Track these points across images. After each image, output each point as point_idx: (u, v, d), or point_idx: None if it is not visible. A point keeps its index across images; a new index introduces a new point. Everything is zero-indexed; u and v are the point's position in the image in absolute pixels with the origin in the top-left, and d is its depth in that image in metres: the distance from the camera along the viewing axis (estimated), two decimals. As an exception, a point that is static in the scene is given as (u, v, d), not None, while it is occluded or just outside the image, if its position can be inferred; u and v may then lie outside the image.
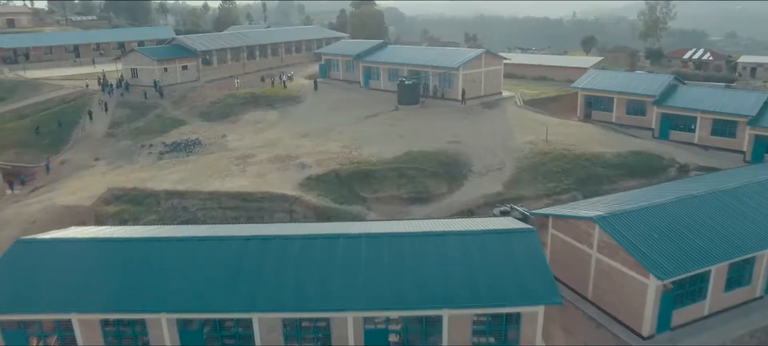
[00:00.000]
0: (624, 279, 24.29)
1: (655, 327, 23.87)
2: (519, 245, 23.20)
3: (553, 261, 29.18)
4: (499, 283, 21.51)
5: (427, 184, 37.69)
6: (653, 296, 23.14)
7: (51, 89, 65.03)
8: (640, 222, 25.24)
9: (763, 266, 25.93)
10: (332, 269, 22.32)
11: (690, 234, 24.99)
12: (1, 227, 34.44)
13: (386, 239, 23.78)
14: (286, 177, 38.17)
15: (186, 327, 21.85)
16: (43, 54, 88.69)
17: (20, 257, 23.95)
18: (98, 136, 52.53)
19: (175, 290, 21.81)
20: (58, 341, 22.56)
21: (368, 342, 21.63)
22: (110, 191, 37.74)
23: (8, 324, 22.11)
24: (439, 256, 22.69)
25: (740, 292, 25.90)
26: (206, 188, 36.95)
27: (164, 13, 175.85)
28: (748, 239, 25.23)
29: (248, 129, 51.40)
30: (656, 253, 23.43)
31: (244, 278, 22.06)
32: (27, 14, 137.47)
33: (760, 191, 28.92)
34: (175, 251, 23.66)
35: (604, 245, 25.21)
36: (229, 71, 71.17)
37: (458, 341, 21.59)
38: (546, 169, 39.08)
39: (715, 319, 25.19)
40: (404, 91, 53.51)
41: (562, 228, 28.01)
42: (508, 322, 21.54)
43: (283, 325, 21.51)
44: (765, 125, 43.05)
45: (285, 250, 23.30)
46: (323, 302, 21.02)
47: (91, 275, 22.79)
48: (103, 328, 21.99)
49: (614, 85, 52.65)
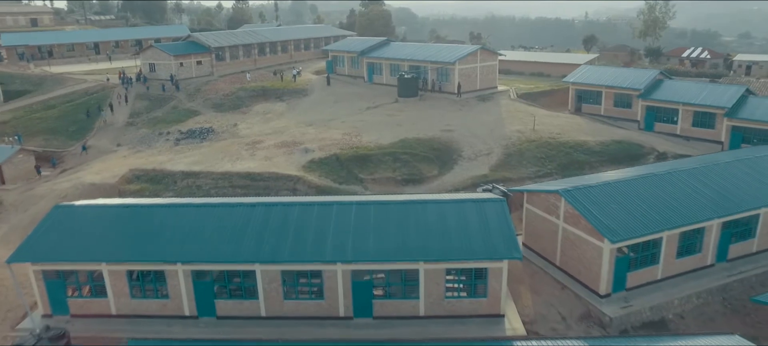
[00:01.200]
0: (585, 245, 27.42)
1: (611, 287, 26.95)
2: (490, 211, 26.47)
3: (527, 233, 32.52)
4: (470, 243, 24.78)
5: (419, 167, 41.01)
6: (608, 258, 26.24)
7: (75, 83, 69.37)
8: (601, 195, 28.35)
9: (712, 237, 28.86)
10: (326, 230, 25.75)
11: (645, 206, 28.03)
12: (36, 201, 38.42)
13: (373, 205, 27.21)
14: (291, 160, 41.73)
15: (199, 278, 25.42)
16: (66, 51, 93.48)
17: (58, 219, 27.71)
18: (119, 125, 56.59)
19: (190, 246, 25.36)
20: (90, 292, 26.35)
21: (355, 293, 25.05)
22: (132, 171, 41.57)
23: (49, 274, 25.81)
24: (419, 220, 26.04)
25: (692, 259, 28.84)
26: (218, 169, 40.62)
27: (179, 13, 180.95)
28: (697, 211, 28.18)
29: (258, 119, 55.10)
30: (611, 220, 26.53)
31: (249, 237, 25.57)
32: (49, 14, 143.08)
33: (715, 171, 31.84)
34: (191, 214, 27.25)
35: (568, 215, 28.35)
36: (241, 67, 75.09)
37: (433, 295, 24.92)
38: (531, 155, 42.18)
39: (668, 282, 28.18)
40: (403, 84, 56.92)
41: (535, 202, 31.17)
42: (476, 276, 24.82)
43: (282, 277, 25.00)
44: (740, 117, 45.80)
45: (285, 214, 26.80)
46: (316, 256, 24.47)
47: (118, 234, 26.45)
48: (129, 279, 25.64)
49: (603, 79, 55.57)
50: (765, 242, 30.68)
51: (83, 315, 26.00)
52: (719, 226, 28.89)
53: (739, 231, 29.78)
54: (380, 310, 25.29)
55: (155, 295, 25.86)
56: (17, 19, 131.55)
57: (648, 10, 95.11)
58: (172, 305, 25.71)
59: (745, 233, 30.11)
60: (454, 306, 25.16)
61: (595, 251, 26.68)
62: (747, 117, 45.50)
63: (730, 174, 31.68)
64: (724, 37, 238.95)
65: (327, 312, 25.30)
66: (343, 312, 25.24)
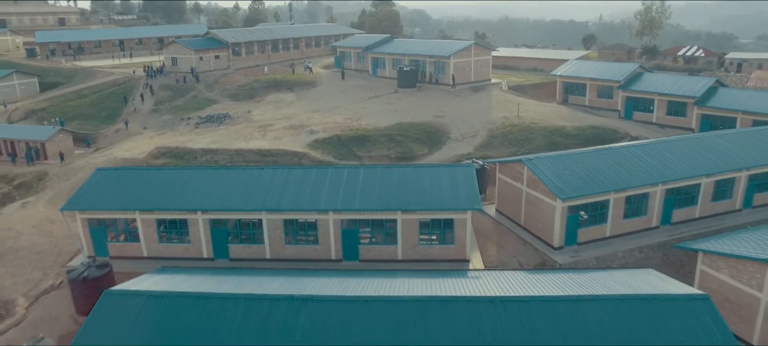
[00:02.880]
0: (542, 204, 32.13)
1: (564, 240, 31.61)
2: (459, 175, 31.36)
3: (499, 199, 37.31)
4: (440, 198, 29.64)
5: (411, 147, 45.94)
6: (560, 215, 30.92)
7: (103, 75, 75.57)
8: (557, 163, 33.02)
9: (656, 202, 33.33)
10: (321, 188, 30.83)
11: (595, 173, 32.60)
12: (75, 172, 44.16)
13: (363, 169, 32.29)
14: (298, 140, 46.94)
15: (216, 226, 30.65)
16: (93, 47, 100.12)
17: (100, 179, 33.25)
18: (145, 112, 62.43)
19: (209, 199, 30.60)
20: (125, 237, 31.76)
21: (344, 240, 30.08)
22: (158, 148, 47.12)
23: (93, 222, 31.26)
24: (400, 181, 30.98)
25: (638, 220, 33.33)
26: (233, 147, 45.97)
27: (198, 13, 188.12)
28: (641, 178, 32.63)
29: (270, 107, 60.50)
30: (563, 183, 31.19)
31: (257, 192, 30.74)
32: (75, 14, 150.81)
33: (664, 147, 36.25)
34: (210, 175, 32.62)
35: (530, 180, 33.08)
36: (256, 61, 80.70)
37: (409, 242, 29.84)
38: (512, 137, 46.86)
39: (615, 239, 32.75)
40: (403, 76, 61.91)
41: (505, 171, 35.93)
42: (445, 226, 29.69)
43: (284, 225, 30.13)
44: (709, 105, 50.00)
45: (288, 175, 31.97)
46: (312, 206, 29.54)
47: (149, 190, 31.80)
48: (158, 226, 30.97)
49: (587, 72, 60.02)
50: (706, 209, 34.99)
51: (120, 257, 31.36)
52: (663, 192, 33.32)
53: (681, 198, 34.17)
54: (365, 254, 30.29)
55: (179, 240, 31.17)
56: (46, 18, 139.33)
57: (645, 10, 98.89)
58: (193, 248, 31.00)
59: (688, 200, 34.48)
60: (427, 252, 30.04)
61: (550, 209, 31.38)
62: (714, 106, 49.69)
63: (677, 149, 36.06)
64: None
65: (321, 255, 30.37)
66: (334, 256, 30.30)
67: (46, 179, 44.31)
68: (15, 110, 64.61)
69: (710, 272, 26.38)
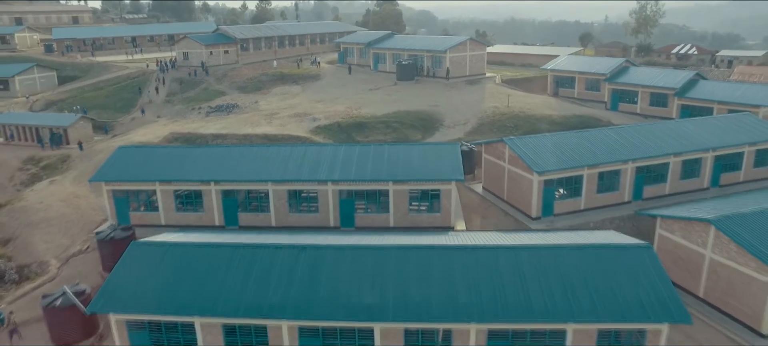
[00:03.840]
0: (521, 179, 35.41)
1: (541, 211, 34.84)
2: (444, 152, 34.72)
3: (485, 178, 40.61)
4: (427, 171, 32.97)
5: (406, 132, 49.32)
6: (537, 188, 34.18)
7: (118, 69, 79.54)
8: (535, 143, 36.29)
9: (628, 178, 36.50)
10: (320, 162, 34.26)
11: (570, 151, 35.80)
12: (96, 154, 47.89)
13: (358, 147, 35.74)
14: (301, 126, 50.47)
15: (227, 196, 34.15)
16: (107, 44, 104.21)
17: (122, 154, 36.89)
18: (158, 103, 66.20)
19: (220, 173, 34.10)
20: (145, 207, 35.31)
21: (342, 208, 33.48)
22: (171, 133, 50.78)
23: (117, 193, 34.85)
24: (391, 157, 34.36)
25: (610, 195, 36.50)
26: (241, 132, 49.53)
27: (206, 13, 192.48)
28: (612, 156, 35.83)
29: (276, 98, 64.10)
30: (540, 160, 34.44)
31: (264, 166, 34.21)
32: (88, 13, 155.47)
33: (637, 130, 39.46)
34: (221, 151, 36.16)
35: (511, 158, 36.38)
36: (263, 57, 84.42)
37: (400, 210, 33.20)
38: (501, 124, 50.14)
39: (589, 212, 35.95)
40: (401, 69, 65.35)
41: (490, 152, 39.22)
42: (432, 196, 33.05)
43: (288, 195, 33.59)
44: (688, 96, 53.08)
45: (291, 151, 35.47)
46: (313, 177, 32.99)
47: (167, 164, 35.34)
48: (175, 197, 34.51)
49: (576, 67, 63.20)
50: (675, 187, 38.10)
51: (140, 225, 34.83)
52: (633, 170, 36.49)
53: (651, 175, 37.33)
54: (360, 222, 33.67)
55: (194, 209, 34.69)
56: (61, 17, 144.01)
57: (640, 9, 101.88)
58: (206, 217, 34.52)
59: (658, 177, 37.64)
60: (416, 219, 33.38)
61: (528, 183, 34.66)
62: (693, 96, 52.77)
63: (648, 132, 39.23)
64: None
65: (321, 223, 33.79)
66: (332, 223, 33.73)
67: (69, 160, 48.08)
68: (36, 101, 68.62)
69: (666, 234, 29.64)
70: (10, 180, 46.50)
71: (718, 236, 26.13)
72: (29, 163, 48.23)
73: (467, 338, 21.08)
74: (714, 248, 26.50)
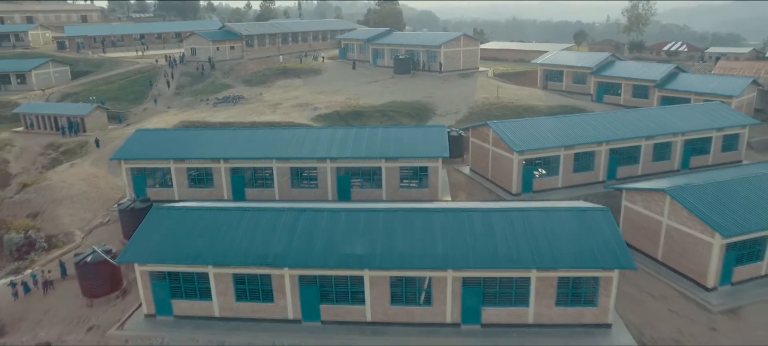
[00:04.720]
0: (504, 159, 38.72)
1: (521, 188, 38.10)
2: (432, 134, 38.14)
3: (472, 159, 43.87)
4: (417, 151, 36.38)
5: (401, 120, 52.66)
6: (517, 166, 37.46)
7: (129, 64, 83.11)
8: (516, 126, 39.60)
9: (602, 159, 39.75)
10: (319, 143, 37.71)
11: (548, 134, 39.07)
12: (111, 141, 51.40)
13: (354, 129, 39.17)
14: (303, 115, 53.88)
15: (235, 173, 37.59)
16: (117, 41, 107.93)
17: (139, 137, 40.39)
18: (168, 95, 69.72)
19: (229, 152, 37.56)
20: (161, 183, 38.77)
21: (339, 184, 36.90)
22: (182, 122, 54.23)
23: (135, 170, 38.34)
24: (384, 137, 37.78)
25: (586, 175, 39.73)
26: (247, 120, 52.90)
27: (210, 12, 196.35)
28: (587, 138, 39.06)
29: (279, 90, 67.54)
30: (520, 141, 37.70)
31: (268, 146, 37.66)
32: (96, 12, 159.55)
33: (612, 116, 42.74)
34: (229, 133, 39.61)
35: (494, 140, 39.68)
36: (267, 52, 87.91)
37: (392, 185, 36.59)
38: (490, 114, 53.39)
39: (566, 189, 39.19)
40: (398, 63, 68.77)
41: (476, 135, 42.51)
42: (421, 173, 36.42)
43: (290, 172, 37.02)
44: (667, 88, 56.25)
45: (293, 133, 38.96)
46: (312, 155, 36.41)
47: (181, 144, 38.83)
48: (188, 173, 37.97)
49: (564, 61, 66.44)
50: (647, 168, 41.26)
51: (156, 200, 38.15)
52: (607, 151, 39.73)
53: (625, 157, 40.54)
54: (356, 196, 37.04)
55: (205, 185, 38.13)
56: (70, 16, 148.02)
57: (631, 7, 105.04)
58: (216, 192, 37.96)
59: (631, 159, 40.83)
60: (406, 194, 36.76)
61: (509, 162, 37.94)
62: (672, 88, 55.92)
63: (622, 118, 42.50)
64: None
65: (320, 197, 37.19)
66: (331, 197, 37.13)
67: (86, 146, 51.65)
68: (52, 94, 72.26)
69: (630, 205, 32.87)
70: (33, 164, 50.09)
71: (672, 204, 29.35)
72: (50, 149, 51.81)
73: (445, 284, 24.42)
74: (670, 215, 29.72)
